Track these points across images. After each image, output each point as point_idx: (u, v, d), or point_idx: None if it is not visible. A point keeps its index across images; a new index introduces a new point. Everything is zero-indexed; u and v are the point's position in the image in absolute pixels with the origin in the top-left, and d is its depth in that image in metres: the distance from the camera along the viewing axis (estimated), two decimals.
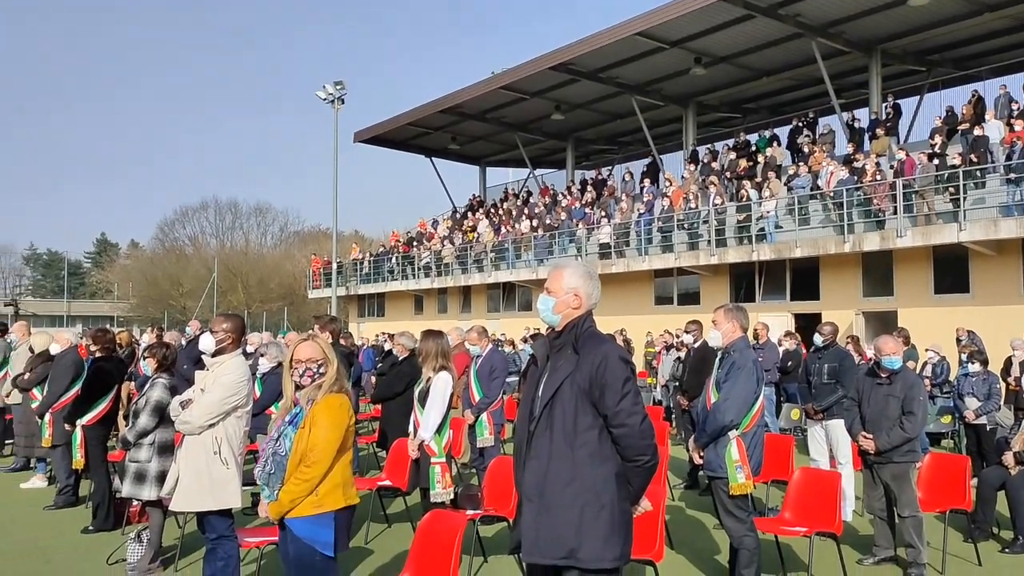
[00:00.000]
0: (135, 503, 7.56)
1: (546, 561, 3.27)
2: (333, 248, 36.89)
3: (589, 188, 29.43)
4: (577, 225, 26.49)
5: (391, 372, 8.93)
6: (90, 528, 7.59)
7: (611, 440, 3.28)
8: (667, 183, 25.37)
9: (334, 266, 36.25)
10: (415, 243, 35.58)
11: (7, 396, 11.24)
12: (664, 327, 19.09)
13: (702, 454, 5.51)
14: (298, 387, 4.10)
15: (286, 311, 47.95)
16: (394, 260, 35.25)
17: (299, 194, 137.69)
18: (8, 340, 12.39)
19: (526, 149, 32.98)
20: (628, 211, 25.37)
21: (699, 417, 5.89)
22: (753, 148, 24.30)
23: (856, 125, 22.09)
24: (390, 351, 12.21)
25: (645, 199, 25.21)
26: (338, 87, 33.95)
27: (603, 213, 26.26)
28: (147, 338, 13.54)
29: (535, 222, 28.61)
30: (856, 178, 18.89)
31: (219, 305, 51.63)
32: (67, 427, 7.91)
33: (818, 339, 8.22)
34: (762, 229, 20.47)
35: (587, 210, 27.22)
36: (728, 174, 23.29)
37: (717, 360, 5.69)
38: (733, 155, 24.21)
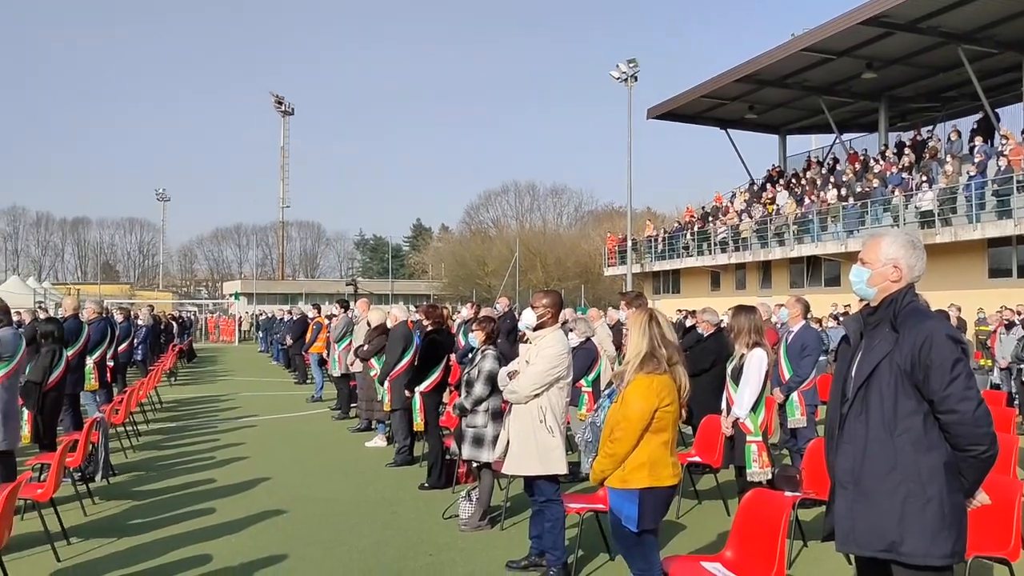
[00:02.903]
0: (463, 465, 8.25)
1: (863, 552, 3.07)
2: (627, 226, 37.25)
3: (907, 151, 26.80)
4: (892, 192, 24.25)
5: (696, 348, 8.83)
6: (425, 485, 8.39)
7: (939, 427, 2.97)
8: (1004, 141, 22.33)
9: (628, 243, 36.59)
10: (710, 218, 34.84)
11: (351, 364, 12.76)
12: (1000, 303, 16.94)
13: None
14: None
15: (583, 289, 49.37)
16: (689, 236, 34.78)
17: (593, 174, 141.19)
18: (351, 315, 14.07)
19: (831, 113, 30.77)
20: (954, 174, 22.74)
21: None
22: None
23: None
24: (691, 327, 12.09)
25: (976, 159, 22.44)
26: (631, 65, 34.07)
27: (924, 177, 23.78)
28: (465, 313, 14.62)
29: (843, 191, 26.68)
30: None
31: (520, 284, 54.42)
32: (407, 394, 8.80)
33: None
34: None
35: (904, 175, 24.83)
36: None
37: None
38: None
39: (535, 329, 5.50)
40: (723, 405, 6.38)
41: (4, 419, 6.51)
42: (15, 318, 11.28)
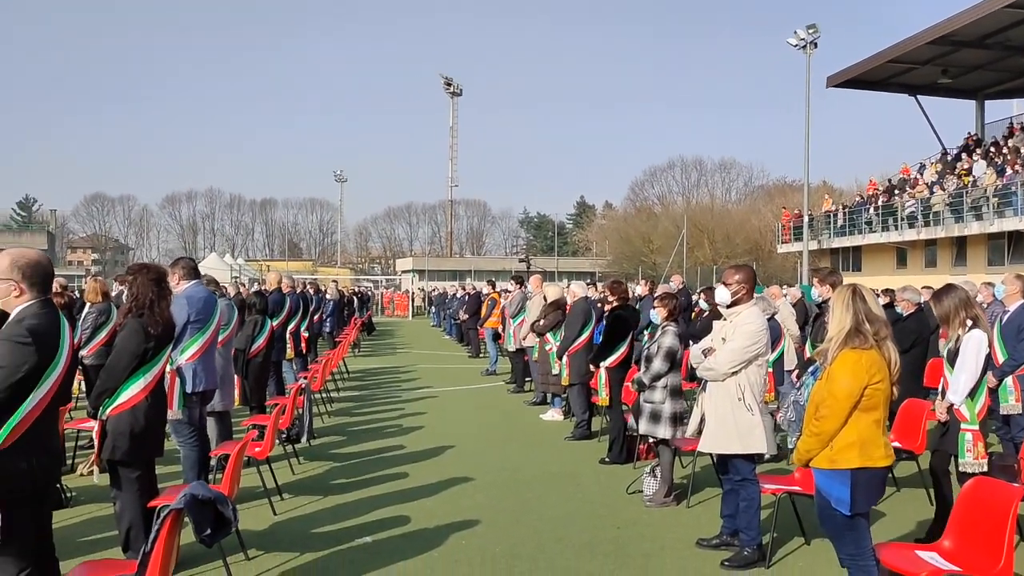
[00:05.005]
0: (643, 441, 8.23)
1: None
2: (804, 200, 35.54)
3: None
4: None
5: (894, 329, 8.31)
6: (606, 460, 8.44)
7: None
8: None
9: (805, 219, 34.91)
10: (896, 191, 32.65)
11: (524, 339, 13.00)
12: None
13: None
14: None
15: (754, 266, 47.81)
16: (872, 211, 32.78)
17: (764, 147, 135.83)
18: (525, 291, 14.32)
19: None
20: None
21: None
22: None
23: None
24: (886, 306, 11.41)
25: None
26: (811, 31, 32.32)
27: None
28: (640, 290, 14.54)
29: None
30: None
31: (687, 261, 53.35)
32: (592, 368, 8.87)
33: None
34: None
35: None
36: None
37: None
38: None
39: (729, 306, 5.38)
40: (939, 389, 5.98)
41: (222, 382, 7.11)
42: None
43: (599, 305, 12.56)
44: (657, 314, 7.05)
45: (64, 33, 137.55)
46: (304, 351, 13.20)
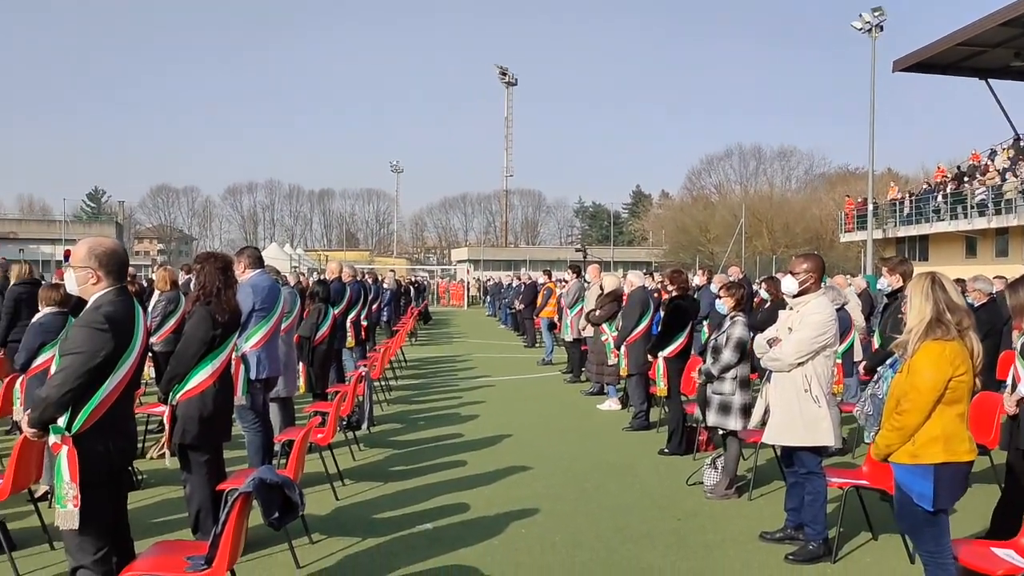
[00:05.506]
0: (703, 432, 8.14)
1: None
2: (869, 187, 34.63)
3: None
4: None
5: None
6: (665, 450, 8.37)
7: None
8: None
9: (869, 207, 34.02)
10: (966, 178, 31.62)
11: (583, 329, 12.95)
12: None
13: None
14: None
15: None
16: (940, 198, 31.81)
17: (824, 134, 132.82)
18: (582, 281, 14.27)
19: None
20: None
21: None
22: None
23: None
24: None
25: None
26: (876, 14, 31.40)
27: None
28: (697, 280, 14.36)
29: None
30: None
31: (745, 250, 52.52)
32: (649, 358, 8.80)
33: None
34: None
35: None
36: None
37: None
38: None
39: (796, 296, 5.27)
40: (1008, 382, 5.78)
41: (285, 369, 7.23)
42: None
43: (656, 295, 12.47)
44: (724, 304, 6.94)
45: (128, 33, 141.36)
46: (363, 339, 13.37)
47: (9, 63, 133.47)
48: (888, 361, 3.96)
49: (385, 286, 20.63)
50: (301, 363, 8.55)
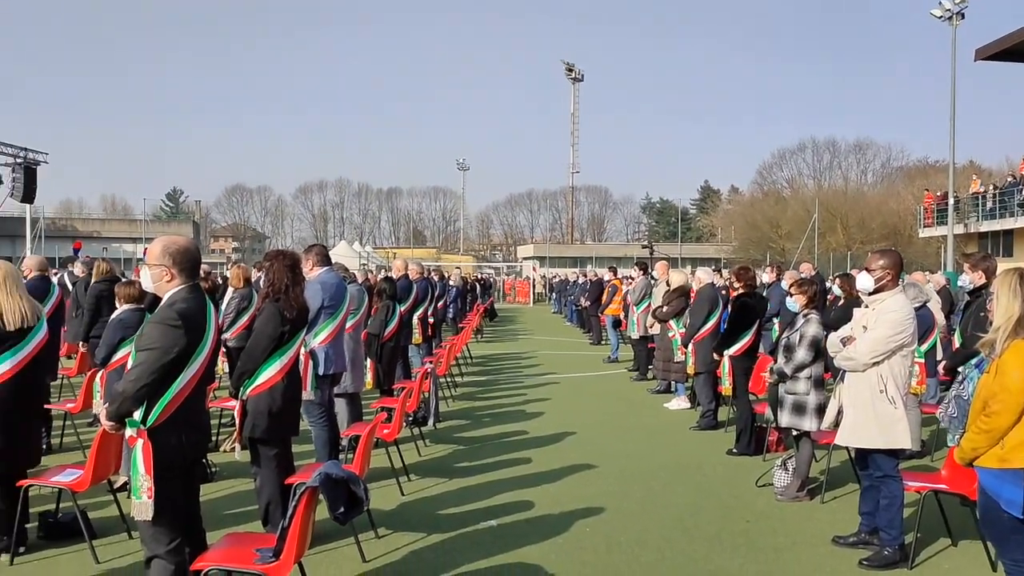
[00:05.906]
0: (773, 432, 7.95)
1: None
2: (950, 181, 33.37)
3: None
4: None
5: None
6: (733, 451, 8.21)
7: None
8: None
9: (950, 201, 32.78)
10: None
11: (650, 327, 12.80)
12: None
13: None
14: None
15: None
16: None
17: (903, 126, 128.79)
18: (649, 278, 14.12)
19: None
20: None
21: None
22: None
23: None
24: None
25: None
26: (957, 1, 30.24)
27: None
28: (766, 277, 14.06)
29: None
30: None
31: (818, 246, 51.24)
32: (715, 357, 8.64)
33: None
34: None
35: None
36: None
37: None
38: None
39: (872, 293, 5.09)
40: None
41: (352, 365, 7.33)
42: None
43: (724, 292, 12.24)
44: (796, 302, 6.75)
45: (201, 45, 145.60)
46: (430, 336, 13.47)
47: (91, 69, 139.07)
48: (974, 361, 3.78)
49: (451, 283, 20.78)
50: (369, 359, 8.66)
